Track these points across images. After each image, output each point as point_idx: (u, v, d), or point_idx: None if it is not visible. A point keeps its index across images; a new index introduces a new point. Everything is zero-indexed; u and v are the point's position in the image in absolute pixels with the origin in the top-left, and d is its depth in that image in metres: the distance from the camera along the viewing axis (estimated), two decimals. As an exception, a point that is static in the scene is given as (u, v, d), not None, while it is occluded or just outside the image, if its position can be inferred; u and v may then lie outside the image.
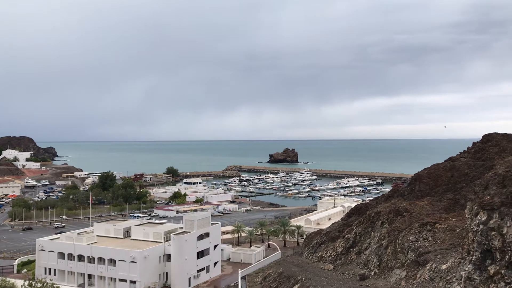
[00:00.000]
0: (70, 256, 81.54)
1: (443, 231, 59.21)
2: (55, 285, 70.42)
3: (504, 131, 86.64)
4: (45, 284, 69.86)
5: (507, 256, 38.47)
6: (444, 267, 49.16)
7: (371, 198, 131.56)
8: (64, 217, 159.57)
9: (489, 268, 39.89)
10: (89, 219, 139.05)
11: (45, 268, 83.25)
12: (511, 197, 41.10)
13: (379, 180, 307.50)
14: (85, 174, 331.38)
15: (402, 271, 57.00)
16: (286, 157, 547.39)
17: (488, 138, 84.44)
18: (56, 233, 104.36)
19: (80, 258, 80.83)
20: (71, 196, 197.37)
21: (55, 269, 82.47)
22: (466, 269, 42.66)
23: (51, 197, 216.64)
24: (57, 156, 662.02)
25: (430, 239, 58.76)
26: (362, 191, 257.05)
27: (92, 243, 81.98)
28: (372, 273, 63.49)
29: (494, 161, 73.33)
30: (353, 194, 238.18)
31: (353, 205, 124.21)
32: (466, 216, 47.77)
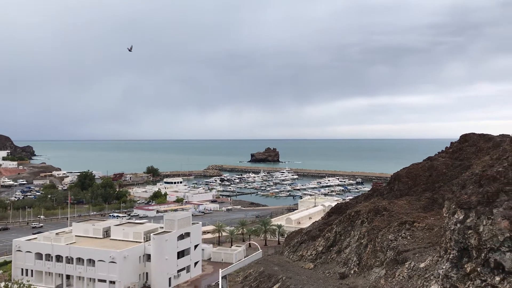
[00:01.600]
0: (48, 257, 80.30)
1: (421, 230, 60.09)
2: (32, 286, 69.29)
3: (481, 131, 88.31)
4: (22, 285, 68.67)
5: (483, 254, 39.22)
6: (422, 265, 49.89)
7: (351, 197, 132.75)
8: (42, 217, 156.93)
9: (465, 266, 40.61)
10: (67, 219, 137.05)
11: (22, 269, 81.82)
12: (487, 196, 41.92)
13: (359, 180, 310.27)
14: (64, 174, 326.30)
15: (381, 269, 57.67)
16: (268, 156, 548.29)
17: (466, 138, 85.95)
18: (34, 233, 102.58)
19: (58, 258, 79.67)
20: (49, 196, 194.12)
21: (32, 270, 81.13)
22: (444, 267, 43.36)
23: (28, 196, 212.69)
24: (35, 155, 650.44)
25: (408, 237, 59.57)
26: (343, 190, 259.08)
27: (70, 243, 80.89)
28: (352, 272, 64.06)
29: (471, 161, 74.73)
30: (333, 193, 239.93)
31: (333, 204, 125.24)
32: (444, 215, 48.59)
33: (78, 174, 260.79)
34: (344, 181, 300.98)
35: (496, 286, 37.13)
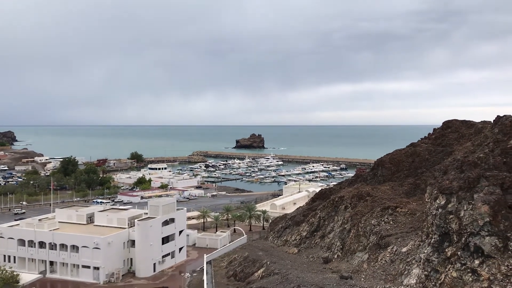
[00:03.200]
0: (31, 243, 79.64)
1: (404, 215, 60.97)
2: (15, 273, 68.81)
3: (464, 118, 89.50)
4: (4, 271, 68.16)
5: (463, 238, 40.01)
6: (404, 249, 50.72)
7: (335, 183, 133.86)
8: (24, 203, 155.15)
9: (446, 250, 41.40)
10: (50, 205, 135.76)
11: (4, 256, 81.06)
12: (468, 182, 42.62)
13: (343, 166, 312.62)
14: (46, 159, 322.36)
15: (364, 254, 58.48)
16: (253, 142, 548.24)
17: (448, 125, 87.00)
18: (16, 220, 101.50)
19: (41, 244, 79.09)
20: (31, 182, 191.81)
21: (14, 257, 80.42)
22: (425, 251, 44.13)
23: (10, 182, 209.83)
24: (16, 140, 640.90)
25: (391, 222, 60.41)
26: (327, 176, 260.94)
27: (53, 230, 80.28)
28: (335, 256, 64.86)
29: (453, 147, 75.81)
30: (317, 179, 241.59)
31: (317, 190, 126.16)
32: (426, 200, 49.32)
33: (61, 160, 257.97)
34: (328, 167, 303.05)
35: (476, 269, 37.97)
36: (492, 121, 55.35)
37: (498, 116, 53.53)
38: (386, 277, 48.37)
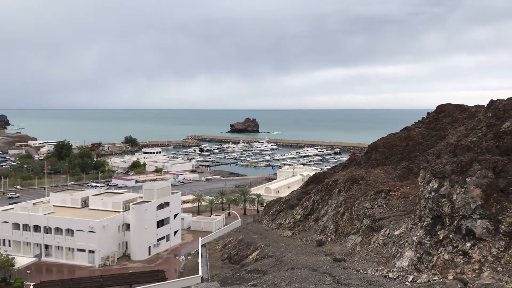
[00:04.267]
0: (26, 227, 79.72)
1: (397, 198, 61.49)
2: (10, 256, 68.99)
3: (457, 102, 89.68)
4: (0, 255, 68.35)
5: (456, 222, 40.49)
6: (397, 232, 51.26)
7: (329, 167, 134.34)
8: (18, 187, 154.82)
9: (438, 233, 41.90)
10: (45, 189, 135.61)
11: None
12: (461, 166, 42.97)
13: (337, 150, 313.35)
14: (40, 143, 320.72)
15: (357, 236, 59.08)
16: (247, 127, 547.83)
17: (442, 109, 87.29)
18: (10, 204, 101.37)
19: (36, 228, 79.19)
20: (25, 166, 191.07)
21: (9, 240, 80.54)
22: (418, 234, 44.65)
23: (3, 166, 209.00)
24: (9, 124, 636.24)
25: (384, 206, 60.94)
26: (321, 160, 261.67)
27: (48, 213, 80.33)
28: (329, 239, 65.48)
29: (447, 131, 76.18)
30: (312, 163, 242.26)
31: (311, 173, 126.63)
32: (419, 183, 49.74)
33: (55, 144, 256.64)
34: (323, 151, 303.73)
35: (467, 252, 38.51)
36: (486, 105, 55.59)
37: (491, 100, 53.77)
38: (379, 259, 48.96)
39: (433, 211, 43.37)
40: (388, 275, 41.27)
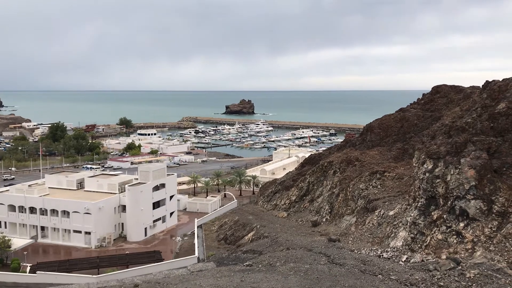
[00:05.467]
0: (21, 209, 79.79)
1: (391, 179, 61.86)
2: (6, 238, 69.20)
3: (453, 83, 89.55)
4: (-4, 237, 68.55)
5: (449, 202, 40.84)
6: (391, 213, 51.71)
7: (324, 148, 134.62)
8: (13, 169, 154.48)
9: (432, 214, 42.30)
10: (40, 171, 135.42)
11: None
12: (456, 147, 43.16)
13: (332, 131, 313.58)
14: (34, 125, 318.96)
15: (352, 217, 59.57)
16: (243, 108, 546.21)
17: (437, 90, 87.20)
18: (6, 186, 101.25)
19: (32, 210, 79.29)
20: (20, 148, 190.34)
21: (5, 222, 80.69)
22: (412, 214, 45.05)
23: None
24: (2, 106, 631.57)
25: (379, 187, 61.33)
26: (316, 141, 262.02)
27: (44, 195, 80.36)
28: (324, 220, 66.02)
29: (442, 112, 76.28)
30: (307, 144, 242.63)
31: (307, 155, 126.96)
32: (414, 164, 49.99)
33: (49, 125, 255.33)
34: (318, 133, 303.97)
35: (460, 232, 38.95)
36: (481, 86, 55.60)
37: (486, 81, 53.76)
38: (373, 239, 49.47)
39: (427, 192, 43.71)
40: (382, 255, 41.75)
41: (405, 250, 42.35)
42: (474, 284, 22.18)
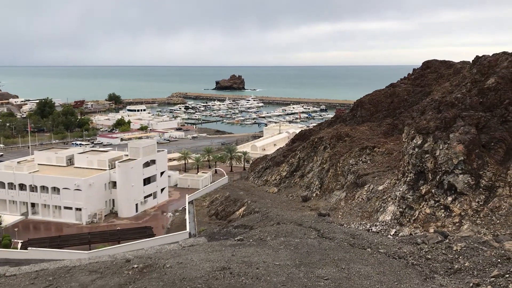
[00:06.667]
0: (11, 185, 79.47)
1: (381, 154, 62.31)
2: (-4, 214, 69.21)
3: (444, 58, 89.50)
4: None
5: (438, 177, 41.32)
6: (380, 188, 52.24)
7: (315, 124, 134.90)
8: (1, 145, 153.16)
9: (421, 188, 42.81)
10: (29, 147, 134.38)
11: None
12: (445, 122, 43.44)
13: (323, 107, 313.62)
14: (22, 101, 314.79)
15: (341, 192, 60.15)
16: (233, 84, 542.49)
17: (428, 65, 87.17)
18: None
19: (22, 187, 79.00)
20: (7, 124, 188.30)
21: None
22: (401, 189, 45.58)
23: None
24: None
25: (369, 162, 61.79)
26: (307, 117, 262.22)
27: (33, 172, 79.98)
28: (314, 195, 66.60)
29: (432, 88, 76.48)
30: (298, 120, 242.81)
31: (297, 131, 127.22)
32: (403, 140, 50.31)
33: (37, 101, 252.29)
34: (308, 108, 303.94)
35: (448, 206, 39.54)
36: (471, 61, 55.63)
37: (477, 56, 53.75)
38: (363, 214, 50.08)
39: (416, 167, 44.13)
40: (371, 229, 42.33)
41: (394, 224, 42.96)
42: (460, 257, 22.69)
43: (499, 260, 21.14)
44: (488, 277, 19.77)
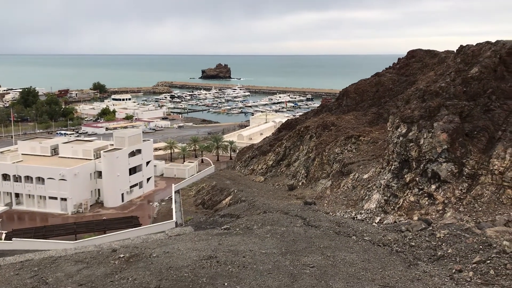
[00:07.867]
0: (-6, 176, 78.49)
1: (366, 143, 62.81)
2: (-20, 205, 68.37)
3: (429, 47, 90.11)
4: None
5: (422, 165, 41.85)
6: (365, 176, 52.75)
7: (301, 114, 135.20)
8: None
9: (405, 176, 43.32)
10: (12, 137, 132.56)
11: (-33, 189, 79.88)
12: (429, 111, 43.90)
13: (309, 96, 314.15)
14: (4, 90, 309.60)
15: (327, 181, 60.61)
16: (219, 73, 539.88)
17: (413, 54, 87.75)
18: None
19: (5, 177, 78.07)
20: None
21: (-22, 189, 79.43)
22: (385, 177, 46.07)
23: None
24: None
25: (354, 151, 62.28)
26: (293, 106, 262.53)
27: (17, 162, 79.03)
28: (300, 184, 67.01)
29: (417, 77, 77.08)
30: (284, 109, 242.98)
31: (284, 120, 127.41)
32: (388, 129, 50.77)
33: (20, 90, 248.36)
34: (295, 98, 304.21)
35: (432, 193, 40.12)
36: (455, 51, 56.14)
37: (461, 45, 54.25)
38: (348, 202, 50.58)
39: (400, 155, 44.61)
40: (356, 217, 42.80)
41: (379, 212, 43.49)
42: (443, 244, 23.10)
43: (481, 247, 21.57)
44: (470, 263, 20.16)
